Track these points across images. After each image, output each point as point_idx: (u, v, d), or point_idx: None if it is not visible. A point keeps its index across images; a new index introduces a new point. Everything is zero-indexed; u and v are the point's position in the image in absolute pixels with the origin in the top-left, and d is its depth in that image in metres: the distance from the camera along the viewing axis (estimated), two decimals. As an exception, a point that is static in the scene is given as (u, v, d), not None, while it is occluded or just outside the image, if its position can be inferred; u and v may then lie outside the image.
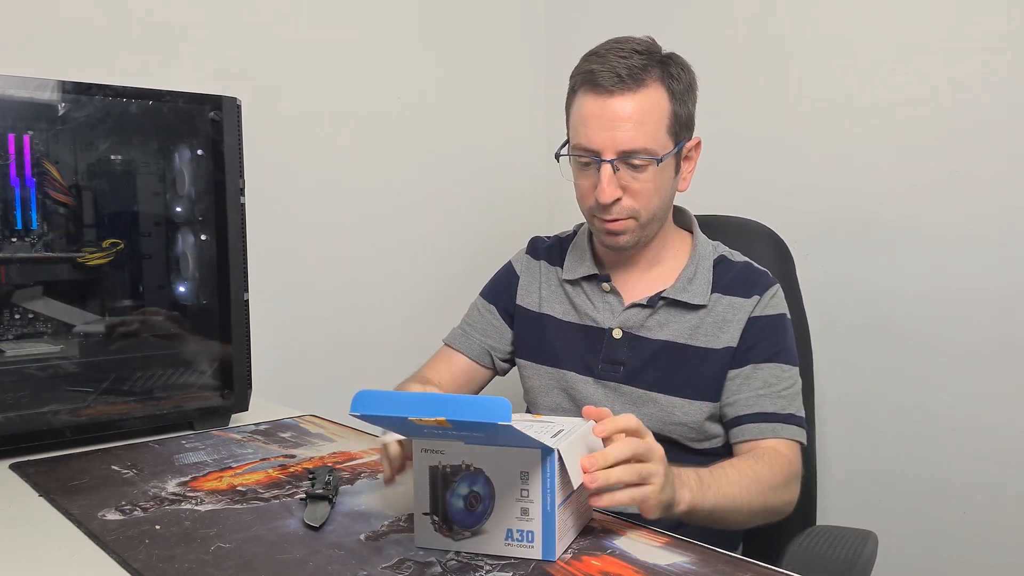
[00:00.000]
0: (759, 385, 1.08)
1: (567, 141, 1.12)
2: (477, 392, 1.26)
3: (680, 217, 1.22)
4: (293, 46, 1.56)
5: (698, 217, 1.25)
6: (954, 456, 1.36)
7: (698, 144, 1.15)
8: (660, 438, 1.08)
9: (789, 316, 1.14)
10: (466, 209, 1.83)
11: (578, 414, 1.12)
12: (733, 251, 1.18)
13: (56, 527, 0.84)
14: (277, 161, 1.55)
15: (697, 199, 1.38)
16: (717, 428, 1.11)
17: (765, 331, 1.10)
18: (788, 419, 1.07)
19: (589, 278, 1.17)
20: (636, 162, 1.05)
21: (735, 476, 0.95)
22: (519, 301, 1.24)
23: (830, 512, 1.43)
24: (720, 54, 1.62)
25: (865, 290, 1.44)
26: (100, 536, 0.80)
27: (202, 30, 1.45)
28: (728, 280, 1.13)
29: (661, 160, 1.06)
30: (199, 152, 1.20)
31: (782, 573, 0.73)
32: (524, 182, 1.94)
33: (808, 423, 1.27)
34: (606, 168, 1.05)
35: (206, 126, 1.19)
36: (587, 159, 1.08)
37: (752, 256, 1.18)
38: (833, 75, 1.46)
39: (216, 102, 1.18)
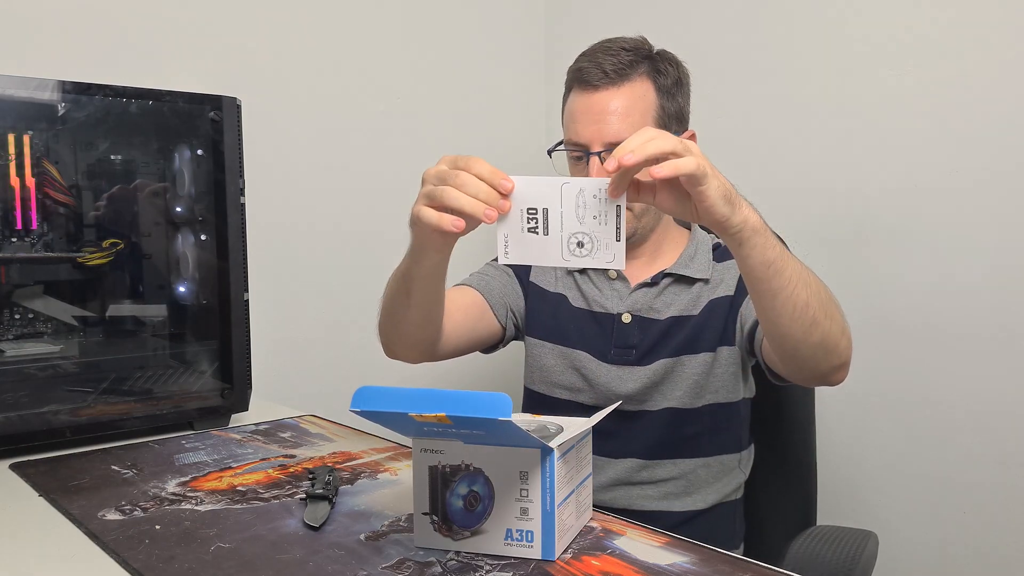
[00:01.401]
0: None
1: (562, 140, 1.16)
2: (477, 345, 1.23)
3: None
4: (293, 46, 1.56)
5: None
6: (955, 456, 1.35)
7: (692, 137, 1.17)
8: (658, 402, 1.12)
9: None
10: (466, 209, 1.83)
11: (592, 394, 1.16)
12: None
13: (56, 527, 0.84)
14: (277, 161, 1.55)
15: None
16: (718, 382, 1.13)
17: None
18: None
19: None
20: None
21: (805, 267, 0.91)
22: (532, 278, 1.25)
23: (830, 512, 1.43)
24: (720, 53, 1.61)
25: (865, 289, 1.44)
26: (100, 536, 0.80)
27: (202, 30, 1.45)
28: (720, 252, 1.18)
29: None
30: (199, 152, 1.20)
31: (782, 573, 0.73)
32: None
33: (808, 422, 1.27)
34: (594, 160, 1.09)
35: (206, 126, 1.19)
36: (578, 153, 1.12)
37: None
38: (833, 74, 1.46)
39: (216, 102, 1.18)
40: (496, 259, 1.25)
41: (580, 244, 0.79)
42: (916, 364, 1.39)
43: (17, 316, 1.12)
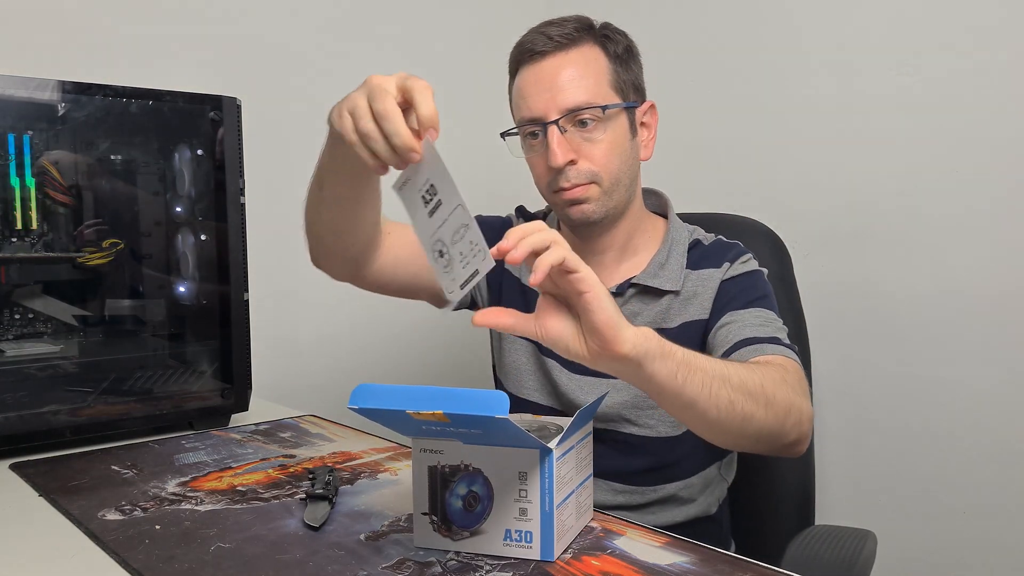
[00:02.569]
0: (739, 326, 1.01)
1: (514, 130, 1.10)
2: (421, 292, 1.15)
3: (654, 200, 1.17)
4: (293, 46, 1.56)
5: (697, 215, 1.25)
6: (954, 456, 1.36)
7: (653, 109, 1.11)
8: (634, 429, 1.06)
9: (766, 275, 1.09)
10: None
11: (556, 400, 1.11)
12: (708, 233, 1.14)
13: (56, 527, 0.84)
14: (277, 161, 1.55)
15: (697, 198, 1.38)
16: None
17: (739, 286, 1.06)
18: (773, 340, 0.97)
19: None
20: (583, 117, 1.02)
21: (722, 362, 0.84)
22: (507, 264, 1.18)
23: (829, 512, 1.43)
24: (720, 53, 1.61)
25: (864, 289, 1.44)
26: (100, 536, 0.80)
27: (202, 30, 1.45)
28: (698, 257, 1.10)
29: (607, 108, 1.03)
30: (199, 152, 1.20)
31: (782, 573, 0.73)
32: (524, 182, 1.94)
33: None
34: (552, 130, 1.02)
35: (206, 126, 1.19)
36: (532, 129, 1.05)
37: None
38: (833, 74, 1.46)
39: (216, 102, 1.18)
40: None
41: (441, 254, 0.74)
42: (915, 364, 1.39)
43: (17, 316, 1.12)
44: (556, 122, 1.02)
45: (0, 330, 1.11)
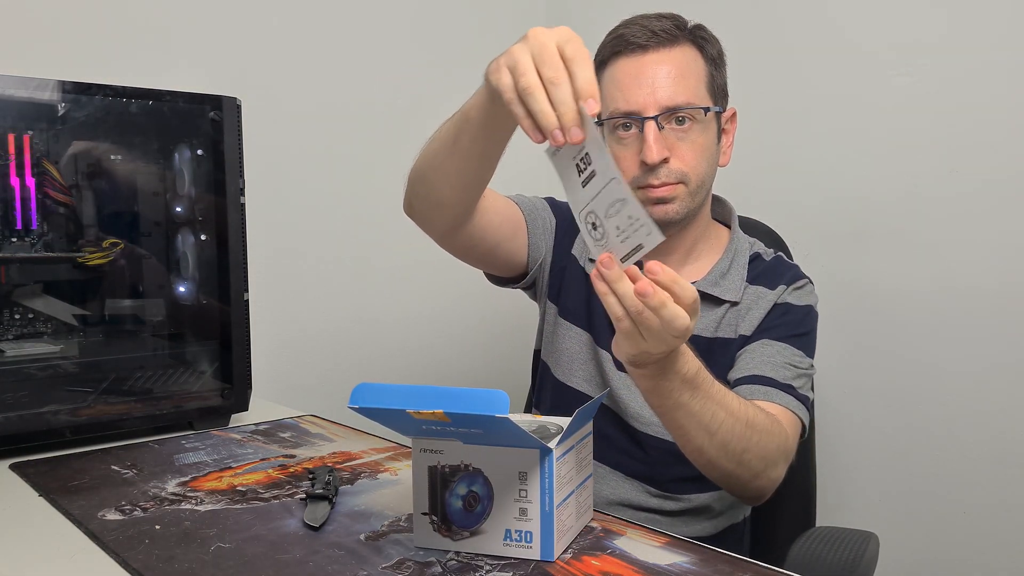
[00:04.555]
0: (764, 358, 1.02)
1: (600, 120, 1.07)
2: (496, 261, 1.14)
3: (718, 208, 1.17)
4: (293, 46, 1.56)
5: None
6: (954, 456, 1.35)
7: (734, 115, 1.12)
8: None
9: (818, 313, 1.09)
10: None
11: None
12: (768, 249, 1.15)
13: (56, 527, 0.84)
14: (277, 161, 1.55)
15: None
16: None
17: (786, 316, 1.06)
18: (787, 389, 0.98)
19: None
20: (681, 115, 1.02)
21: (732, 402, 0.87)
22: (574, 250, 1.16)
23: (830, 513, 1.43)
24: (720, 54, 1.61)
25: (865, 289, 1.44)
26: (100, 536, 0.80)
27: (202, 30, 1.45)
28: (756, 272, 1.10)
29: (708, 111, 1.03)
30: (199, 152, 1.20)
31: (782, 573, 0.73)
32: (525, 179, 1.94)
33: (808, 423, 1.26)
34: (650, 126, 1.00)
35: (206, 126, 1.19)
36: (625, 122, 1.03)
37: (752, 255, 1.17)
38: (834, 75, 1.46)
39: (216, 102, 1.18)
40: (549, 198, 1.20)
41: (594, 226, 0.74)
42: (915, 363, 1.39)
43: (17, 316, 1.12)
44: (655, 118, 1.01)
45: (0, 330, 1.11)
